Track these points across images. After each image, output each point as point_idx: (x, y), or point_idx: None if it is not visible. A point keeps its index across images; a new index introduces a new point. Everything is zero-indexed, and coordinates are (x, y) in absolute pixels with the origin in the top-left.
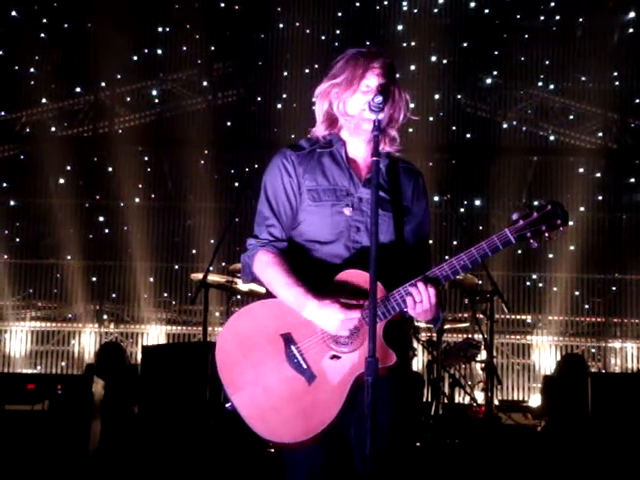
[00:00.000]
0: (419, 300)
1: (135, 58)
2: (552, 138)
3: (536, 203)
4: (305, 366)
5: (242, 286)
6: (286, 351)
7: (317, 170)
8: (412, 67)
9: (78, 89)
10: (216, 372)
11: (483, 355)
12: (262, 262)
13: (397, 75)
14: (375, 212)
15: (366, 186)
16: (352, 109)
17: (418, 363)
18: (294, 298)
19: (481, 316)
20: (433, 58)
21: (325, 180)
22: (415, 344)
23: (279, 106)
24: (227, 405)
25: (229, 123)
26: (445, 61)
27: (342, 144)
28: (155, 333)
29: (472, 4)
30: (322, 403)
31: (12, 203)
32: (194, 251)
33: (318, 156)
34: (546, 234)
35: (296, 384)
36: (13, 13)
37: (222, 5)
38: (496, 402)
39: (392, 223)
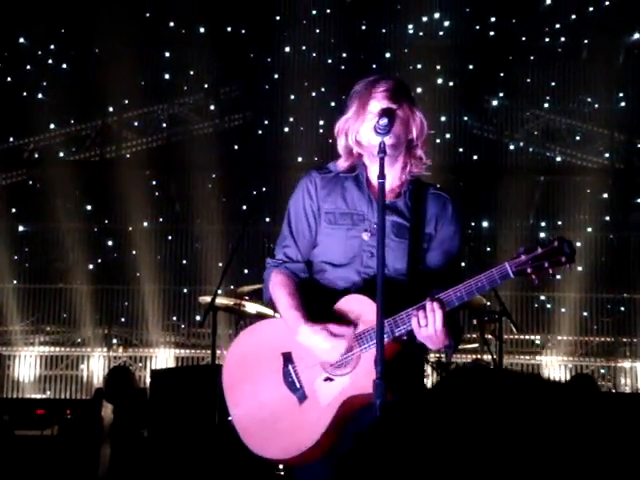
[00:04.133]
0: (424, 324)
1: (142, 83)
2: (559, 159)
3: (543, 224)
4: (298, 386)
5: (250, 309)
6: (283, 370)
7: (339, 193)
8: (418, 90)
9: (86, 114)
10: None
11: None
12: (273, 282)
13: (408, 92)
14: (382, 236)
15: (384, 211)
16: (363, 138)
17: (427, 384)
18: (291, 320)
19: (490, 336)
20: (439, 80)
21: (344, 204)
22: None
23: (286, 129)
24: (229, 418)
25: (236, 146)
26: (451, 83)
27: (364, 168)
28: (164, 356)
29: (477, 26)
30: (309, 424)
31: (21, 228)
32: (202, 274)
33: (343, 180)
34: (550, 270)
35: (287, 402)
36: (21, 40)
37: (228, 29)
38: None
39: (408, 250)
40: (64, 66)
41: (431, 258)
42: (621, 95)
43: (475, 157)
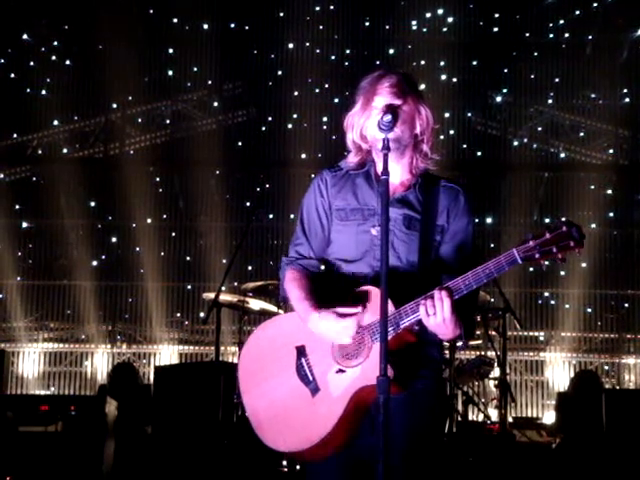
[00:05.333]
0: (432, 312)
1: (146, 79)
2: (563, 155)
3: (547, 220)
4: (311, 378)
5: (254, 305)
6: (297, 363)
7: (349, 190)
8: (422, 86)
9: (89, 111)
10: (236, 380)
11: (496, 372)
12: (286, 279)
13: (414, 87)
14: (385, 232)
15: (394, 205)
16: (368, 134)
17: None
18: (302, 311)
19: (494, 333)
20: (443, 77)
21: (354, 200)
22: None
23: (289, 126)
24: (247, 414)
25: (240, 143)
26: (455, 79)
27: (373, 164)
28: (167, 353)
29: (481, 22)
30: (321, 416)
31: (24, 225)
32: (206, 271)
33: (353, 176)
34: (559, 255)
35: (301, 395)
36: (24, 36)
37: (232, 26)
38: (510, 419)
39: (419, 242)
40: (67, 62)
41: (444, 250)
42: (625, 91)
43: (479, 153)
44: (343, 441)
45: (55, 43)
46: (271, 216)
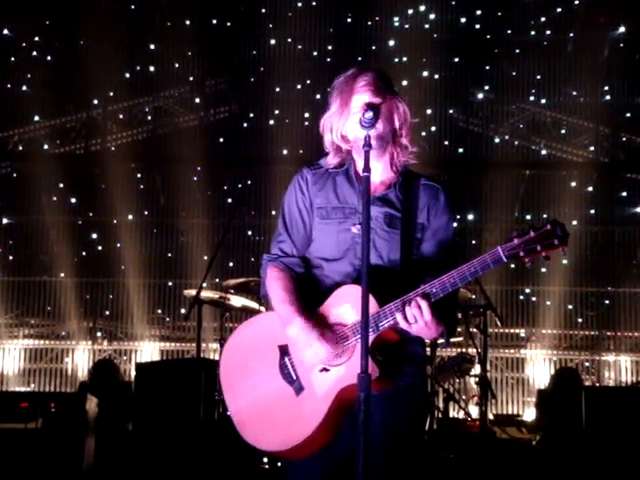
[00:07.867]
0: (413, 321)
1: (127, 75)
2: (544, 152)
3: (528, 217)
4: (295, 377)
5: (235, 302)
6: (280, 362)
7: (330, 188)
8: (404, 82)
9: (70, 107)
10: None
11: (477, 369)
12: (268, 277)
13: (390, 83)
14: (366, 229)
15: (375, 204)
16: (349, 133)
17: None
18: (284, 314)
19: (475, 330)
20: (425, 73)
21: (335, 198)
22: None
23: (271, 122)
24: (228, 412)
25: (221, 139)
26: (437, 76)
27: (352, 162)
28: (149, 350)
29: (463, 19)
30: (305, 415)
31: (5, 221)
32: (187, 267)
33: (334, 175)
34: (543, 253)
35: (284, 394)
36: (5, 31)
37: (214, 22)
38: (490, 416)
39: (401, 240)
40: (49, 58)
41: (426, 248)
42: (606, 88)
43: (460, 150)
44: (326, 441)
45: (36, 39)
46: (252, 213)
